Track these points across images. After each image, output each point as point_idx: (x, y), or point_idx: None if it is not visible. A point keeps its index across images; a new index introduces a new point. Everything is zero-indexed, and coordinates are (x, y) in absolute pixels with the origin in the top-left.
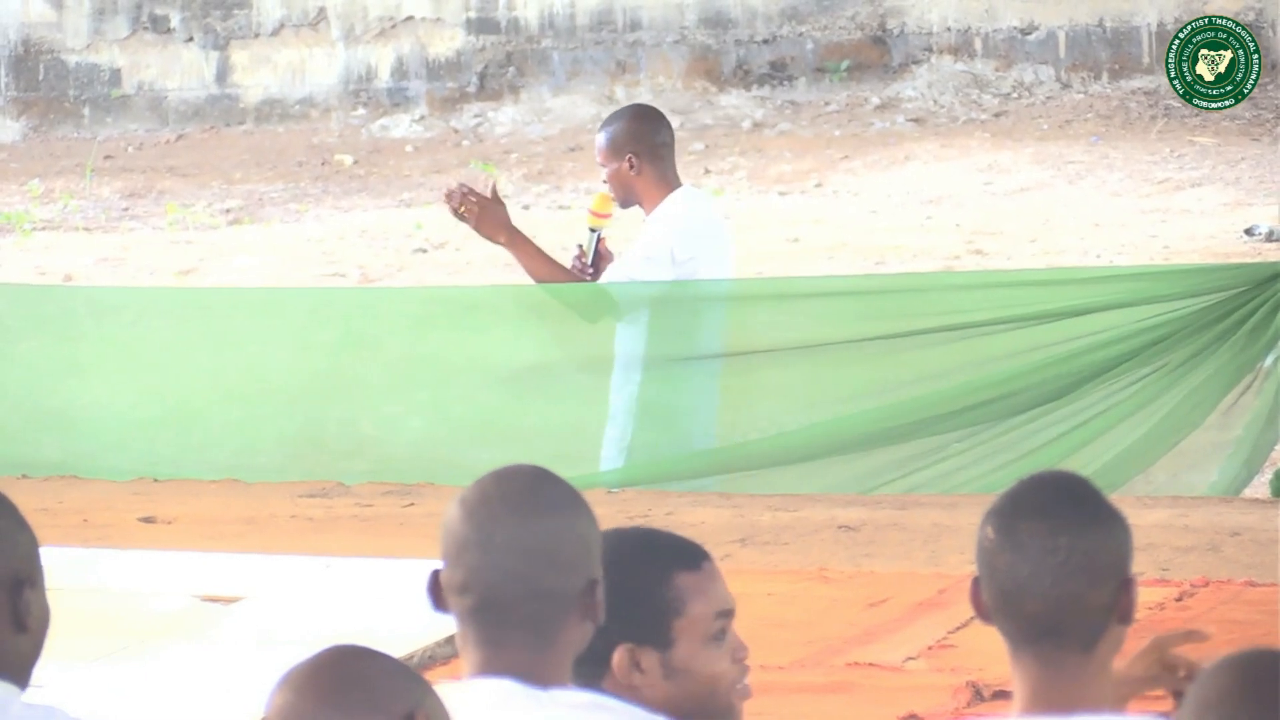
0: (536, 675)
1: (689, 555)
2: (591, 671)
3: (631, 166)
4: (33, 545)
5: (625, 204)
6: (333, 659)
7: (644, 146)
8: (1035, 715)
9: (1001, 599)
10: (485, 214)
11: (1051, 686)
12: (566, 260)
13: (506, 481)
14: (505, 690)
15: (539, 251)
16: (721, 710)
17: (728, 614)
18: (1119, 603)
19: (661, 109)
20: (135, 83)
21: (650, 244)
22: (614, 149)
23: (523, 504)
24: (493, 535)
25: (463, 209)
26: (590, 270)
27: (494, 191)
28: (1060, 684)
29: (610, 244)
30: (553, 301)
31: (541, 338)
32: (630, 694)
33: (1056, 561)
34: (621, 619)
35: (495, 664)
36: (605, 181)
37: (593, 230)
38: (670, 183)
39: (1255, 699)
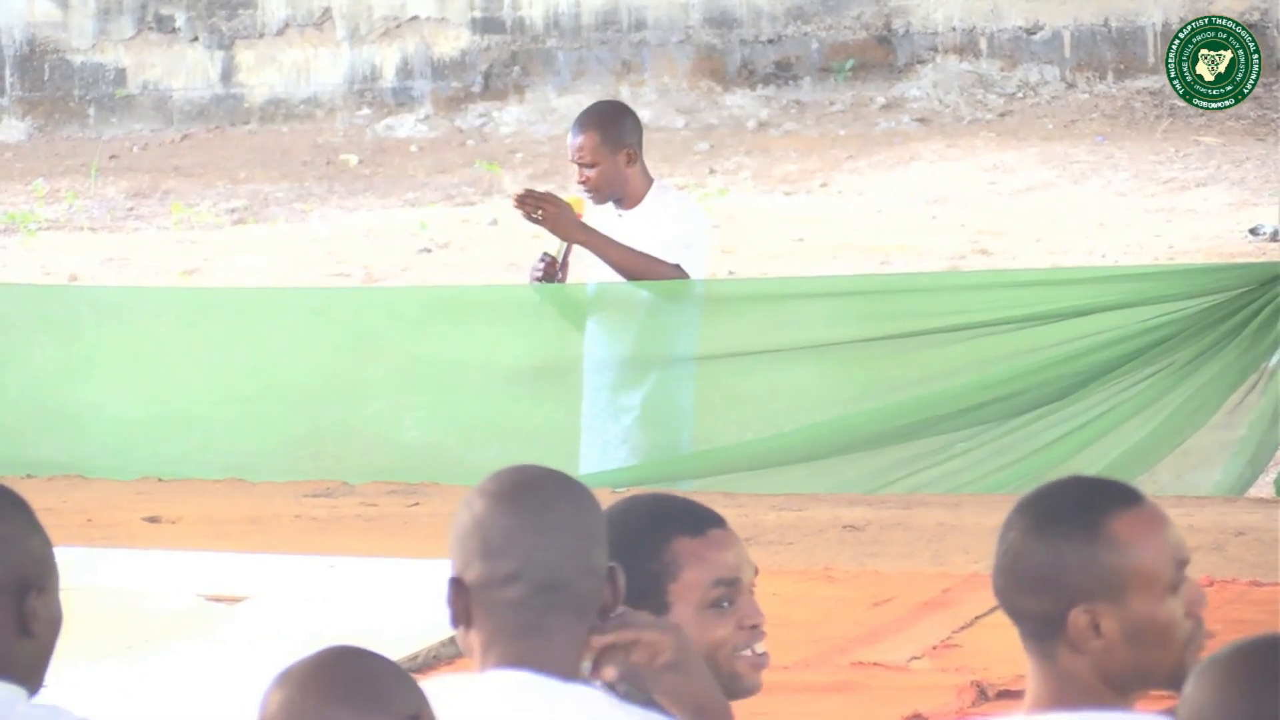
0: (566, 661)
1: (695, 521)
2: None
3: (629, 160)
4: (45, 549)
5: (607, 199)
6: (338, 657)
7: (636, 138)
8: (1035, 710)
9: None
10: (561, 216)
11: (1035, 680)
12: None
13: (523, 472)
14: (523, 681)
15: (615, 243)
16: (725, 678)
17: (729, 582)
18: (1063, 626)
19: (667, 109)
20: (140, 82)
21: (688, 229)
22: (612, 144)
23: (559, 486)
24: (545, 516)
25: (539, 214)
26: (560, 277)
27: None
28: (1040, 680)
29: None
30: (555, 301)
31: (547, 338)
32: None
33: (999, 552)
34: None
35: (531, 654)
36: (583, 181)
37: None
38: (649, 175)
39: (1253, 687)
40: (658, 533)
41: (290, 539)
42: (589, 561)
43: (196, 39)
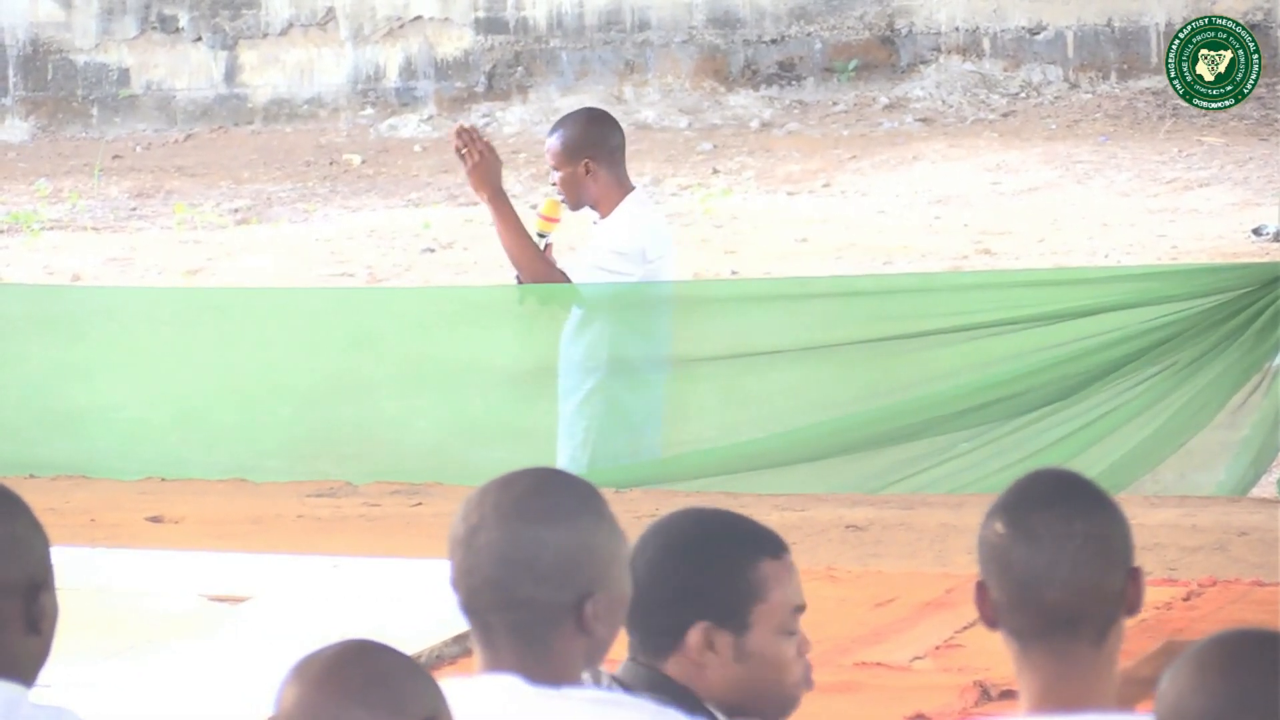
0: (539, 676)
1: (775, 543)
2: (660, 645)
3: (587, 171)
4: (46, 548)
5: (577, 207)
6: (356, 653)
7: (599, 150)
8: (1045, 713)
9: (1019, 592)
10: (482, 164)
11: (1062, 682)
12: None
13: (510, 485)
14: (513, 686)
15: (517, 221)
16: (784, 701)
17: (801, 609)
18: (1128, 592)
19: (671, 109)
20: (143, 82)
21: (623, 241)
22: (569, 153)
23: (510, 511)
24: (475, 540)
25: (466, 150)
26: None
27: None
28: (1071, 679)
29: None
30: (559, 301)
31: (550, 338)
32: (697, 673)
33: (1074, 547)
34: (702, 598)
35: (496, 664)
36: (556, 185)
37: (541, 235)
38: (624, 185)
39: (1229, 676)
40: (745, 552)
41: (293, 539)
42: (516, 595)
43: (200, 39)
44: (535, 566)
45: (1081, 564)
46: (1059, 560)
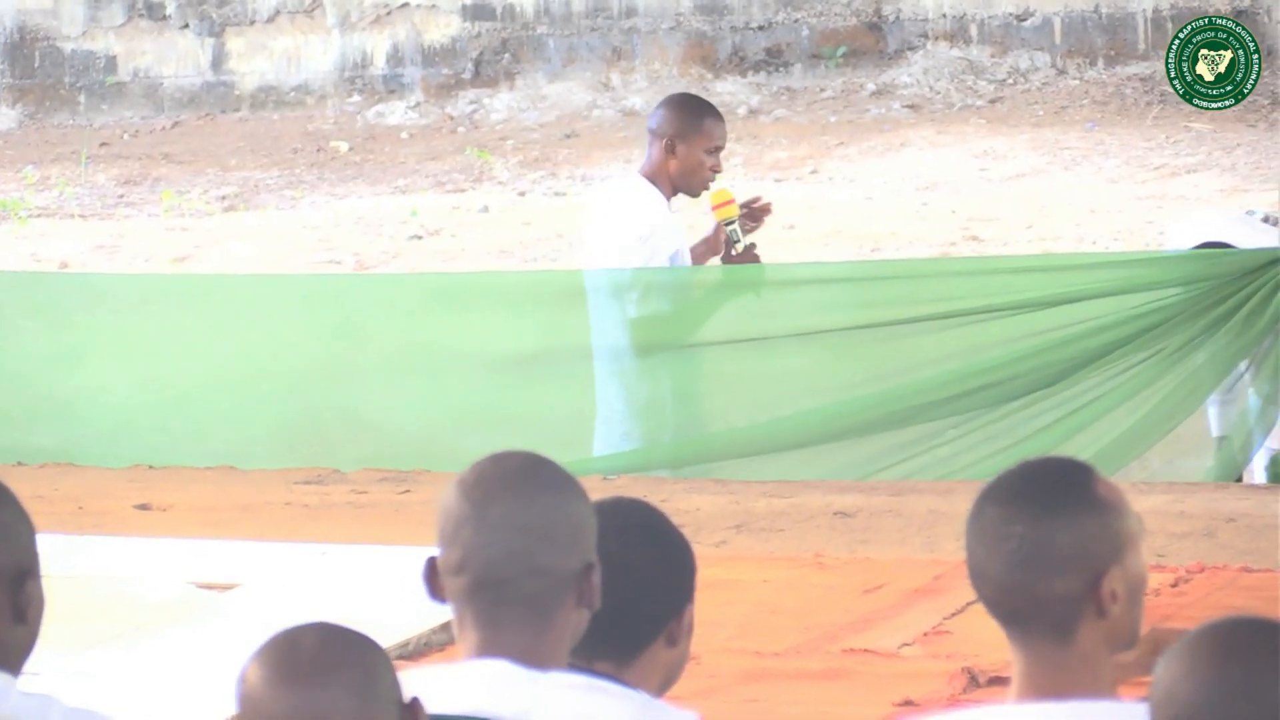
0: (533, 656)
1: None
2: (638, 641)
3: None
4: (32, 536)
5: None
6: (329, 635)
7: None
8: (1027, 700)
9: (972, 580)
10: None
11: (1035, 672)
12: None
13: (503, 462)
14: (502, 671)
15: None
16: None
17: None
18: (1093, 597)
19: (658, 96)
20: (131, 70)
21: None
22: None
23: (518, 482)
24: (489, 512)
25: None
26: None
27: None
28: (1043, 671)
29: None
30: (545, 288)
31: (537, 324)
32: (652, 672)
33: (1007, 549)
34: (688, 585)
35: (493, 645)
36: (716, 169)
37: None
38: None
39: (1222, 664)
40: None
41: (281, 526)
42: (535, 562)
43: (187, 26)
44: (552, 533)
45: (1013, 567)
46: (992, 558)
